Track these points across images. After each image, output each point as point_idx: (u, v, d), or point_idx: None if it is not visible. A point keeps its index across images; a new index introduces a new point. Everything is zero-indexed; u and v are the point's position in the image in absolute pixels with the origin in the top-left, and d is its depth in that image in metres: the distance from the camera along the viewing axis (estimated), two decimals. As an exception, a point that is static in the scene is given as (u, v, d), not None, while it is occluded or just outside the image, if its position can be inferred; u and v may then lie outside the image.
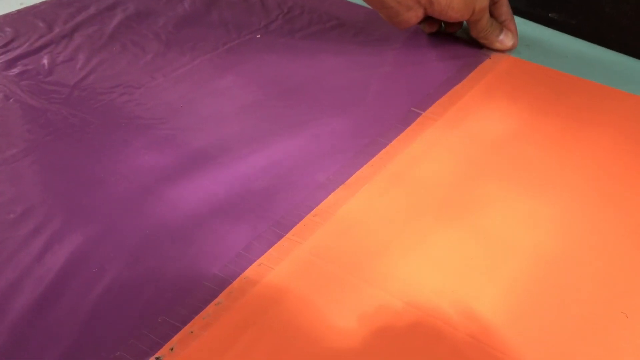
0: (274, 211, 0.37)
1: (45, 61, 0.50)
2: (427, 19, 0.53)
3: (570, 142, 0.43)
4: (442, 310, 0.31)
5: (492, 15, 0.52)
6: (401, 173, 0.40)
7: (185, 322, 0.30)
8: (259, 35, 0.55)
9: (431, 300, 0.31)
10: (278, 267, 0.33)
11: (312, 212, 0.36)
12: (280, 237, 0.35)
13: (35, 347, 0.29)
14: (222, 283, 0.32)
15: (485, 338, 0.30)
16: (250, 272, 0.33)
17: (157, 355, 0.28)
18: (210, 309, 0.30)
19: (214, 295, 0.31)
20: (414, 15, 0.50)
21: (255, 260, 0.33)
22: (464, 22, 0.54)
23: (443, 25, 0.55)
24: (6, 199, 0.37)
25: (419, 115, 0.45)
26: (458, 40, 0.55)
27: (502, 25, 0.53)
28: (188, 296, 0.31)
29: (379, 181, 0.39)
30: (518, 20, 0.54)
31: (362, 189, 0.38)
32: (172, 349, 0.29)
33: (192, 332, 0.29)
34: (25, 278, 0.32)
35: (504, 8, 0.52)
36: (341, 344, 0.29)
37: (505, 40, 0.52)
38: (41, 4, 0.59)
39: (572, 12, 0.56)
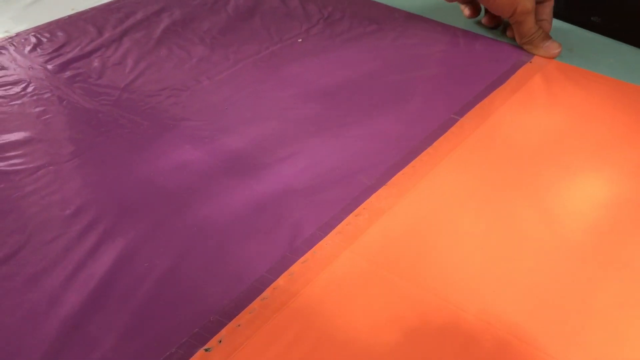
0: (317, 210, 0.37)
1: (96, 64, 0.52)
2: (470, 1, 0.54)
3: (615, 147, 0.42)
4: (485, 310, 0.31)
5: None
6: (442, 176, 0.40)
7: (232, 316, 0.31)
8: (300, 40, 0.56)
9: (472, 300, 0.32)
10: (321, 266, 0.34)
11: (355, 212, 0.37)
12: (322, 236, 0.35)
13: (88, 339, 0.30)
14: (267, 279, 0.33)
15: (526, 337, 0.30)
16: (294, 269, 0.33)
17: (206, 346, 0.29)
18: (256, 304, 0.31)
19: (259, 291, 0.32)
20: None
21: (299, 259, 0.34)
22: (506, 21, 0.54)
23: (483, 9, 0.56)
24: (60, 197, 0.39)
25: (460, 119, 0.45)
26: (497, 43, 0.55)
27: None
28: (234, 291, 0.32)
29: (421, 183, 0.39)
30: (560, 23, 0.54)
31: (403, 189, 0.39)
32: (220, 341, 0.30)
33: (239, 325, 0.30)
34: (79, 272, 0.34)
35: (548, 10, 0.52)
36: (382, 342, 0.30)
37: (551, 47, 0.52)
38: (91, 9, 0.61)
39: (614, 15, 0.55)
